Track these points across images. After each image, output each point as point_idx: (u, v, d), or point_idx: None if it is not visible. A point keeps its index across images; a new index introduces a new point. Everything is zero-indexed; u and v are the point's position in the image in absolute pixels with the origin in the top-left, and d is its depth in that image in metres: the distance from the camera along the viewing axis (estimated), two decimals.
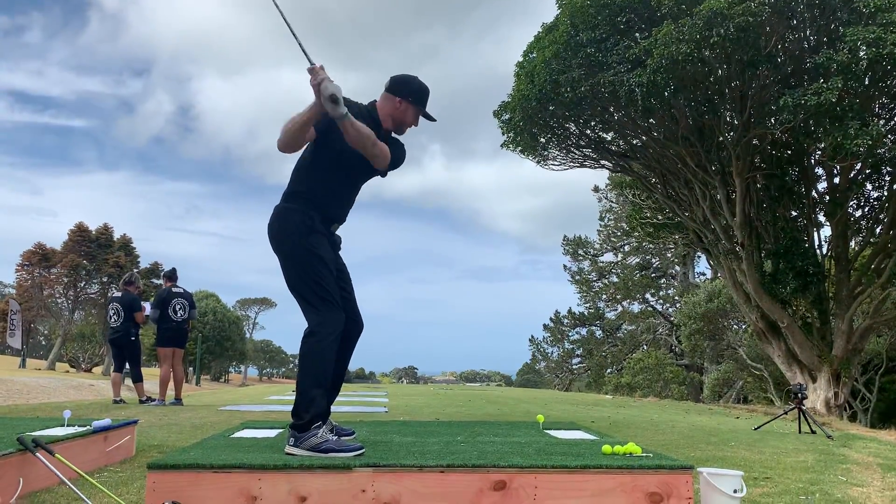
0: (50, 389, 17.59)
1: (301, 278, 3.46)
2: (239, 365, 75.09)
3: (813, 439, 6.99)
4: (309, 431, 3.25)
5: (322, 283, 3.44)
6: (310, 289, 3.44)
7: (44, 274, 43.89)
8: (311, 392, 3.33)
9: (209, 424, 6.83)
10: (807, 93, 11.56)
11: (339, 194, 3.63)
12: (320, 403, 3.36)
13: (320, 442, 3.22)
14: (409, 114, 3.65)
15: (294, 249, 3.49)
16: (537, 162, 16.61)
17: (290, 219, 3.51)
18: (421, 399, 13.33)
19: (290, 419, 3.34)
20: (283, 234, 3.52)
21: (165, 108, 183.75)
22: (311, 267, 3.45)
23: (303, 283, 3.46)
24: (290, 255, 3.51)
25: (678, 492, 3.03)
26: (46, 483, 3.51)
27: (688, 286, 35.90)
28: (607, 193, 37.22)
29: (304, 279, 3.45)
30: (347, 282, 3.74)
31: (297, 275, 3.48)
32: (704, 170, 14.71)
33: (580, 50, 13.07)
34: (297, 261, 3.48)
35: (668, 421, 9.20)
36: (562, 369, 43.48)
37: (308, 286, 3.44)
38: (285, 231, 3.51)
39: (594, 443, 3.74)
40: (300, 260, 3.48)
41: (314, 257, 3.46)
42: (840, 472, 4.71)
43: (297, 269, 3.48)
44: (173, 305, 10.13)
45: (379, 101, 3.69)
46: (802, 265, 14.48)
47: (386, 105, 3.66)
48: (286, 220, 3.52)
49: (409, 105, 3.64)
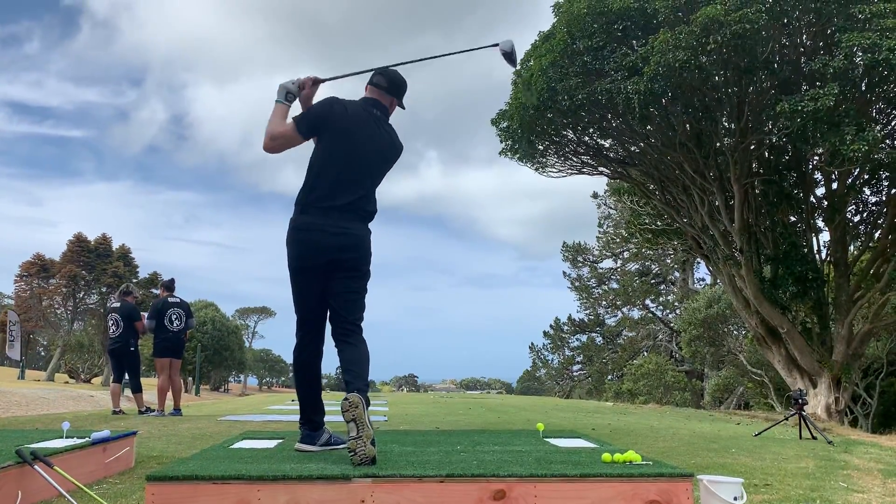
0: (49, 400, 17.55)
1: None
2: (238, 374, 74.96)
3: (814, 445, 6.97)
4: (321, 429, 3.80)
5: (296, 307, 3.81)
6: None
7: (42, 285, 43.86)
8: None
9: (208, 435, 6.82)
10: (804, 98, 11.60)
11: (332, 183, 3.68)
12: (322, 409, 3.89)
13: (329, 438, 3.78)
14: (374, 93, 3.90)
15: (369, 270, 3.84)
16: (536, 169, 16.66)
17: (369, 239, 3.79)
18: (420, 408, 13.30)
19: (298, 424, 3.81)
20: (369, 250, 3.80)
21: (159, 117, 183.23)
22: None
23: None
24: (368, 273, 3.83)
25: (678, 499, 3.02)
26: (45, 496, 3.49)
27: (687, 292, 35.92)
28: (606, 200, 37.29)
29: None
30: (336, 295, 3.71)
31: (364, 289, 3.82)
32: (702, 176, 14.74)
33: (577, 58, 13.12)
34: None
35: (668, 427, 9.19)
36: (562, 376, 43.47)
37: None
38: (370, 248, 3.80)
39: (594, 451, 3.73)
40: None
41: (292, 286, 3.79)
42: (841, 479, 4.70)
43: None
44: (169, 315, 10.09)
45: (381, 98, 3.90)
46: (801, 270, 14.48)
47: (387, 105, 3.92)
48: (369, 238, 3.79)
49: (371, 86, 3.90)
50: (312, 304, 3.74)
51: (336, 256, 3.61)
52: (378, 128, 3.77)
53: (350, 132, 3.69)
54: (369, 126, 3.74)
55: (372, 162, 3.75)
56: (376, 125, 3.77)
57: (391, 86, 3.87)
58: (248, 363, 68.94)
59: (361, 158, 3.70)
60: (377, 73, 3.90)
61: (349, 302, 3.67)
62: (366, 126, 3.73)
